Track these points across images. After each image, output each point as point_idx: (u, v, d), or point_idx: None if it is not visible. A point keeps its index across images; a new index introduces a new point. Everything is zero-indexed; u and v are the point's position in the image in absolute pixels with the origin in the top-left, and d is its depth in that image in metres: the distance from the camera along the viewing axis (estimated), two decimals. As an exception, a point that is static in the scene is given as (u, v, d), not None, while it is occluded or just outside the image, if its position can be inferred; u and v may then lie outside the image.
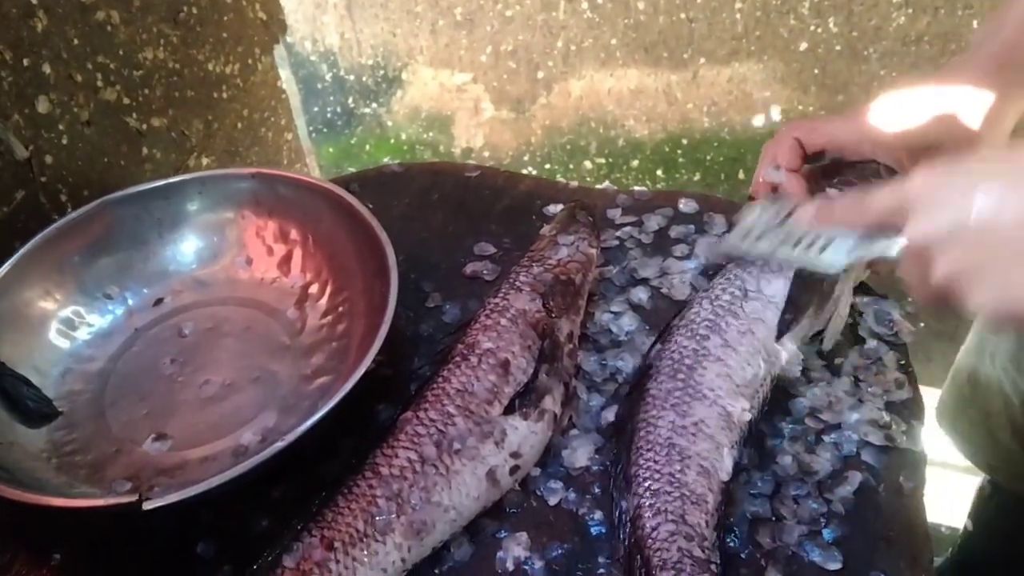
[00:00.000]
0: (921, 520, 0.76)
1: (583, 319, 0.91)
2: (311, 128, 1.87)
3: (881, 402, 0.84)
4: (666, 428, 0.77)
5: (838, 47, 1.47)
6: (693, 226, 1.04)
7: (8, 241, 0.94)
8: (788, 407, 0.84)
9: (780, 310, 0.84)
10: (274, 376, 0.91)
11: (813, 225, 0.77)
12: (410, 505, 0.72)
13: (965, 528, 1.25)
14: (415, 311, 0.98)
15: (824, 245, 0.76)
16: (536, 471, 0.80)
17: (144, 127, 1.26)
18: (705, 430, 0.77)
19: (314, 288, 0.99)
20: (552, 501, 0.79)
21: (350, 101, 1.83)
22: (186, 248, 1.03)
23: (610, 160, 1.74)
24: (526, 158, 1.80)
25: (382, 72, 1.77)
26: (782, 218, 0.83)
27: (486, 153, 1.82)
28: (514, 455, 0.77)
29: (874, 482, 0.78)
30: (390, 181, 1.18)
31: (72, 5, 1.10)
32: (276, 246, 1.02)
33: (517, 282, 0.89)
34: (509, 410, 0.79)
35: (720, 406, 0.78)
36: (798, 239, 0.79)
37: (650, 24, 1.53)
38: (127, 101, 1.22)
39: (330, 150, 1.92)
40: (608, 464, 0.81)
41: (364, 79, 1.79)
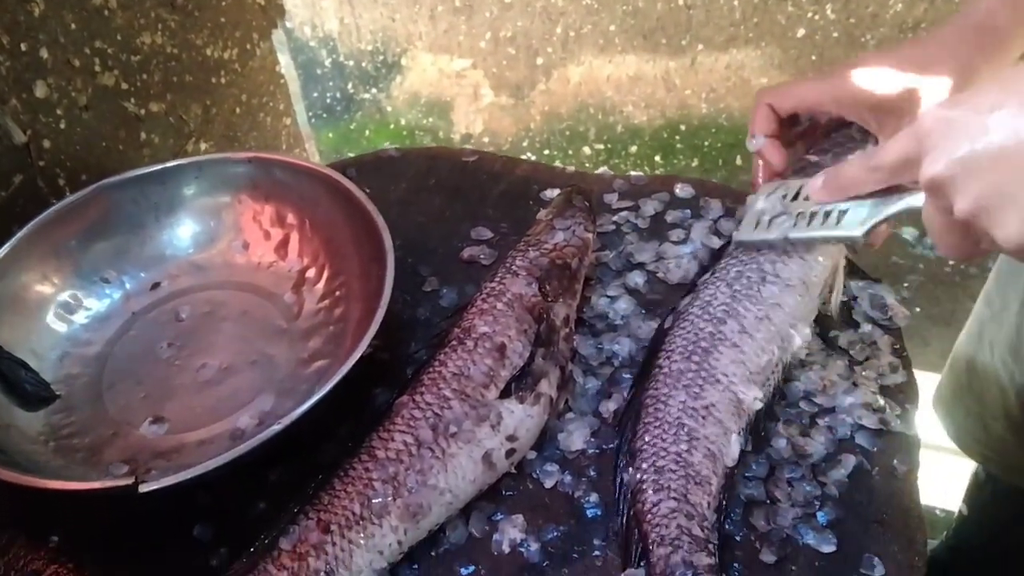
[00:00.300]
0: (915, 503, 0.77)
1: (579, 303, 0.92)
2: (310, 113, 1.87)
3: (875, 386, 0.84)
4: (676, 407, 0.78)
5: (835, 34, 1.47)
6: (689, 211, 1.04)
7: (6, 225, 0.94)
8: (783, 390, 0.84)
9: (799, 293, 0.83)
10: (271, 360, 0.91)
11: (823, 197, 0.77)
12: (406, 488, 0.72)
13: (960, 512, 1.25)
14: (412, 295, 0.98)
15: (840, 215, 0.75)
16: (532, 454, 0.81)
17: (142, 112, 1.26)
18: (715, 414, 0.77)
19: (311, 272, 0.99)
20: (548, 484, 0.79)
21: (349, 86, 1.83)
22: (183, 232, 1.03)
23: (609, 146, 1.73)
24: (525, 144, 1.80)
25: (381, 58, 1.77)
26: (788, 200, 0.83)
27: (485, 139, 1.82)
28: (510, 438, 0.78)
29: (868, 465, 0.79)
30: (387, 166, 1.18)
31: (69, -11, 1.10)
32: (273, 230, 1.02)
33: (513, 266, 0.89)
34: (505, 394, 0.79)
35: (732, 392, 0.79)
36: (811, 216, 0.79)
37: (648, 11, 1.53)
38: (125, 86, 1.22)
39: (330, 135, 1.92)
40: (604, 447, 0.81)
41: (363, 64, 1.79)
